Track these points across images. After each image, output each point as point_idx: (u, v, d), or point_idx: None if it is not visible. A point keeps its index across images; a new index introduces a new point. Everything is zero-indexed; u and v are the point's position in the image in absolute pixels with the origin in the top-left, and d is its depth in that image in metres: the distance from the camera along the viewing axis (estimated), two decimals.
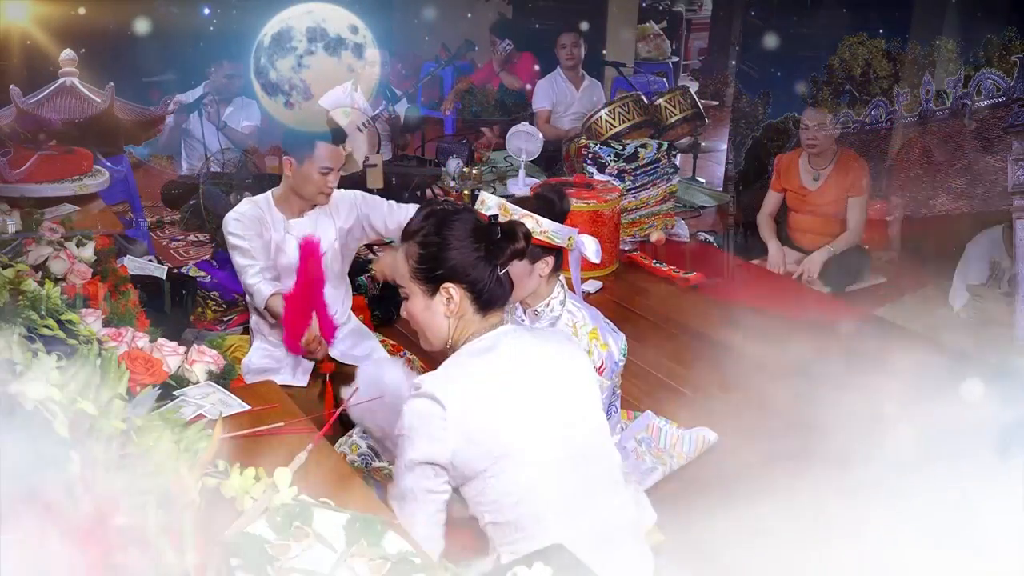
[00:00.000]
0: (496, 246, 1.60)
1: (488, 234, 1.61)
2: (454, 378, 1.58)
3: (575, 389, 1.68)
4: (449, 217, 1.62)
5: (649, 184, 4.31)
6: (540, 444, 1.58)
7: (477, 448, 1.53)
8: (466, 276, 1.60)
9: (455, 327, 1.64)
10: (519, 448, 1.55)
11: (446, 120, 6.01)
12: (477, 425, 1.53)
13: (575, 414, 1.65)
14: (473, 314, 1.63)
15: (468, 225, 1.61)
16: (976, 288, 3.77)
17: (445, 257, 1.60)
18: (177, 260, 4.06)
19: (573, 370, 1.69)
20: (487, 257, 1.60)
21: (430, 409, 1.52)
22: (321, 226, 2.74)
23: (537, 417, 1.59)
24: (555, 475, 1.59)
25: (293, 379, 2.75)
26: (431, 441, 1.52)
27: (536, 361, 1.64)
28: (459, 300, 1.61)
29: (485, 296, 1.62)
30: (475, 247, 1.60)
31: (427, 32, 6.96)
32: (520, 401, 1.58)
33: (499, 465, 1.53)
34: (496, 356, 1.61)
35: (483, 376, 1.59)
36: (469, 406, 1.54)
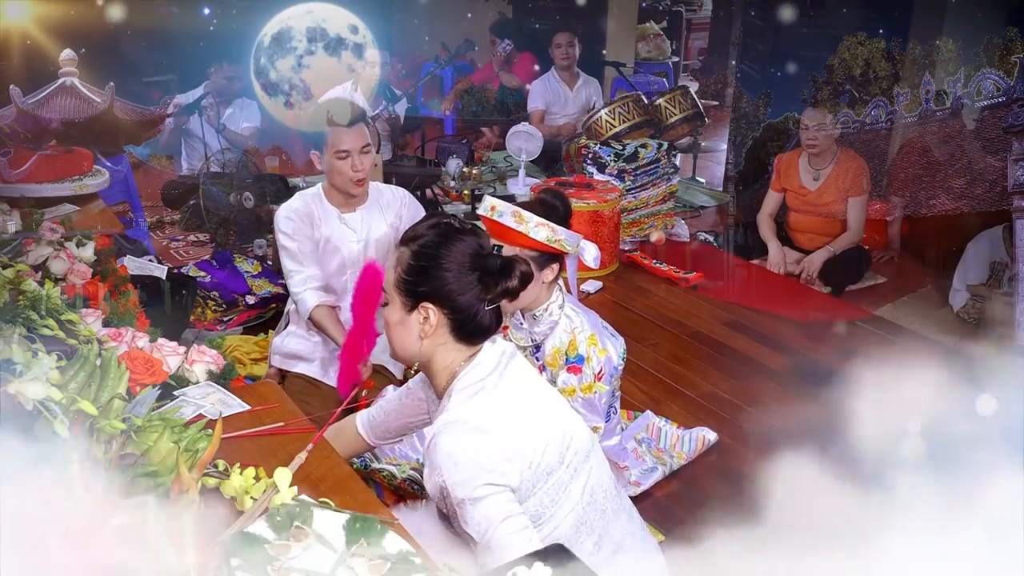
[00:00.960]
0: (491, 278, 1.51)
1: (486, 265, 1.51)
2: (476, 408, 1.50)
3: (560, 404, 1.66)
4: (452, 235, 1.52)
5: (649, 184, 4.31)
6: (562, 459, 1.55)
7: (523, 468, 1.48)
8: (449, 301, 1.51)
9: (429, 350, 1.55)
10: (552, 464, 1.52)
11: (446, 120, 6.02)
12: (518, 446, 1.48)
13: (569, 427, 1.62)
14: (455, 342, 1.54)
15: (469, 249, 1.51)
16: (976, 288, 3.77)
17: (434, 275, 1.50)
18: (177, 260, 4.06)
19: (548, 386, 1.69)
20: (478, 288, 1.51)
21: (472, 437, 1.45)
22: (373, 220, 2.70)
23: (553, 433, 1.55)
24: (583, 483, 1.58)
25: (324, 376, 2.71)
26: (488, 469, 1.44)
27: (530, 381, 1.61)
28: (435, 323, 1.52)
29: (467, 327, 1.53)
30: (468, 274, 1.50)
31: (427, 32, 6.96)
32: (537, 420, 1.55)
33: (545, 482, 1.50)
34: (500, 380, 1.54)
35: (501, 402, 1.52)
36: (505, 428, 1.48)
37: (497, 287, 1.51)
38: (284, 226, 2.60)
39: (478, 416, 1.49)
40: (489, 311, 1.52)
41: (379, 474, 2.18)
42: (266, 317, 3.45)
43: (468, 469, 1.42)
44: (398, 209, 2.75)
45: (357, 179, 2.58)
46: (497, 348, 1.58)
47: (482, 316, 1.52)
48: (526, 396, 1.57)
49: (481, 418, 1.48)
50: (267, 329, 3.32)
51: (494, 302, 1.52)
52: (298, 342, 2.74)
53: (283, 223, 2.61)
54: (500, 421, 1.49)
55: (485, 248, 1.53)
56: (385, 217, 2.73)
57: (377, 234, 2.70)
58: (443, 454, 1.44)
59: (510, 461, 1.46)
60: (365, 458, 2.19)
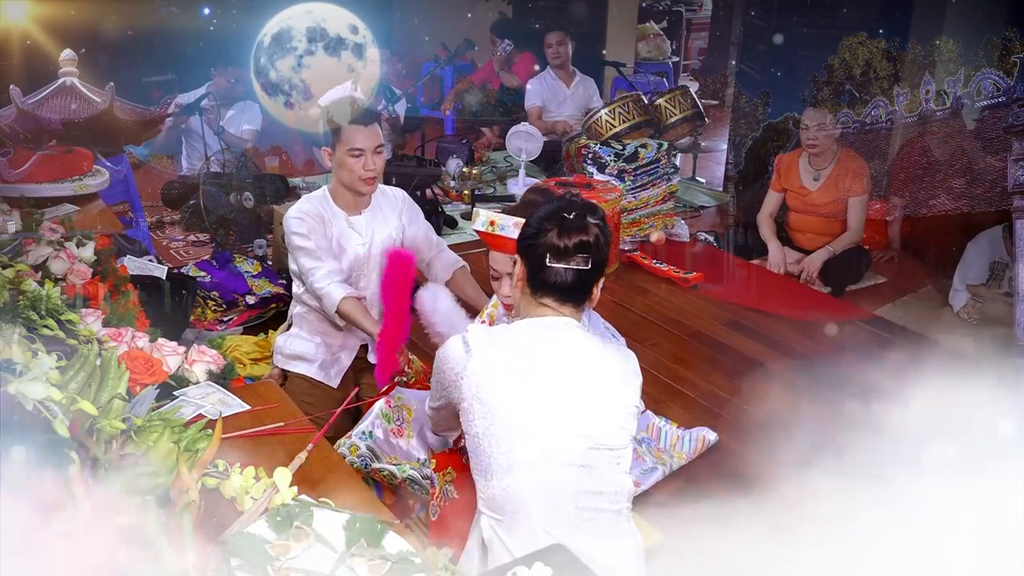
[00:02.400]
0: (561, 238, 1.63)
1: (562, 223, 1.64)
2: (493, 337, 1.67)
3: (604, 409, 1.67)
4: (548, 197, 1.78)
5: (649, 184, 4.31)
6: (540, 437, 1.62)
7: (480, 406, 1.62)
8: (523, 252, 1.69)
9: (519, 299, 1.73)
10: (515, 426, 1.61)
11: (446, 120, 6.02)
12: (490, 384, 1.61)
13: (591, 431, 1.65)
14: (529, 295, 1.69)
15: (551, 208, 1.67)
16: (976, 288, 3.77)
17: (523, 231, 1.70)
18: (177, 260, 4.06)
19: (611, 392, 1.69)
20: (542, 241, 1.64)
21: (458, 351, 1.65)
22: (381, 221, 2.69)
23: (549, 412, 1.63)
24: (546, 475, 1.61)
25: (325, 377, 2.71)
26: (449, 379, 1.66)
27: (577, 365, 1.66)
28: (518, 274, 1.71)
29: (535, 279, 1.67)
30: (539, 230, 1.65)
31: (427, 32, 6.97)
32: (542, 388, 1.63)
33: (492, 432, 1.61)
34: (536, 338, 1.66)
35: (520, 349, 1.65)
36: (492, 364, 1.62)
37: (561, 247, 1.63)
38: (297, 227, 2.57)
39: (484, 335, 1.67)
40: (558, 269, 1.64)
41: (379, 474, 2.18)
42: (266, 317, 3.45)
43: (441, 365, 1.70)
44: (399, 211, 2.74)
45: (367, 177, 2.57)
46: (566, 320, 1.69)
47: (548, 272, 1.65)
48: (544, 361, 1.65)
49: (482, 338, 1.66)
50: (267, 329, 3.32)
51: (552, 259, 1.64)
52: (301, 343, 2.74)
53: (295, 224, 2.57)
54: (489, 350, 1.65)
55: (571, 211, 1.65)
56: (388, 220, 2.72)
57: (382, 236, 2.69)
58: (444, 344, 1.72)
59: (471, 388, 1.63)
60: (365, 458, 2.19)
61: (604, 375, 1.68)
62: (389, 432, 2.25)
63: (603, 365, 1.69)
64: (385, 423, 2.26)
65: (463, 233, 4.45)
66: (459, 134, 5.86)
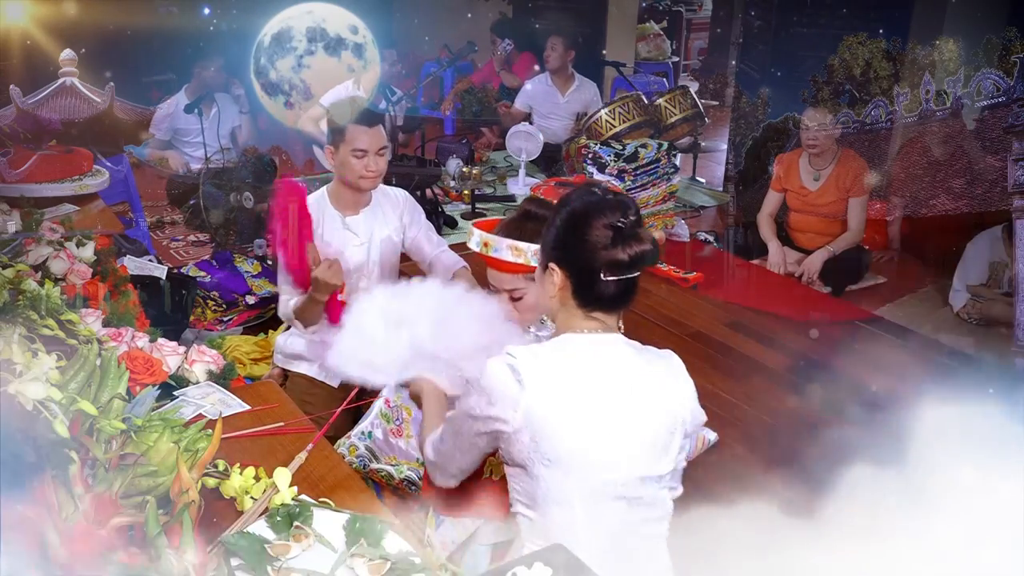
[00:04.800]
0: (619, 249, 1.49)
1: (615, 233, 1.49)
2: (541, 359, 1.52)
3: (657, 435, 1.56)
4: (594, 202, 1.53)
5: (649, 184, 4.30)
6: (595, 470, 1.51)
7: (531, 441, 1.49)
8: (567, 263, 1.54)
9: (558, 310, 1.59)
10: (570, 459, 1.49)
11: (446, 120, 6.02)
12: (544, 417, 1.48)
13: (645, 463, 1.55)
14: (575, 307, 1.56)
15: (604, 219, 1.50)
16: (976, 288, 3.77)
17: (558, 237, 1.55)
18: (177, 260, 4.06)
19: (664, 416, 1.58)
20: (592, 253, 1.50)
21: (508, 382, 1.48)
22: (381, 220, 2.69)
23: (603, 444, 1.51)
24: (598, 508, 1.53)
25: (325, 376, 2.71)
26: (497, 413, 1.49)
27: (628, 385, 1.55)
28: (559, 284, 1.55)
29: (584, 293, 1.54)
30: (586, 238, 1.50)
31: (427, 32, 6.97)
32: (596, 418, 1.51)
33: (548, 470, 1.49)
34: (588, 361, 1.53)
35: (572, 373, 1.52)
36: (548, 395, 1.49)
37: (617, 262, 1.50)
38: None
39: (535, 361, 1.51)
40: (611, 282, 1.51)
41: (378, 474, 2.18)
42: (266, 317, 3.45)
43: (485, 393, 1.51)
44: (400, 212, 2.74)
45: (369, 177, 2.58)
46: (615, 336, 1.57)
47: (600, 285, 1.52)
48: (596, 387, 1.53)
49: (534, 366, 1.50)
50: (267, 329, 3.32)
51: (608, 272, 1.51)
52: (301, 343, 2.74)
53: None
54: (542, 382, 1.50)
55: (625, 220, 1.50)
56: (388, 220, 2.72)
57: (381, 236, 2.69)
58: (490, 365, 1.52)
59: (522, 423, 1.48)
60: (364, 458, 2.19)
61: (655, 397, 1.57)
62: (388, 432, 2.25)
63: (653, 384, 1.58)
64: (385, 423, 2.26)
65: (463, 233, 4.45)
66: (459, 134, 5.86)
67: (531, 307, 2.08)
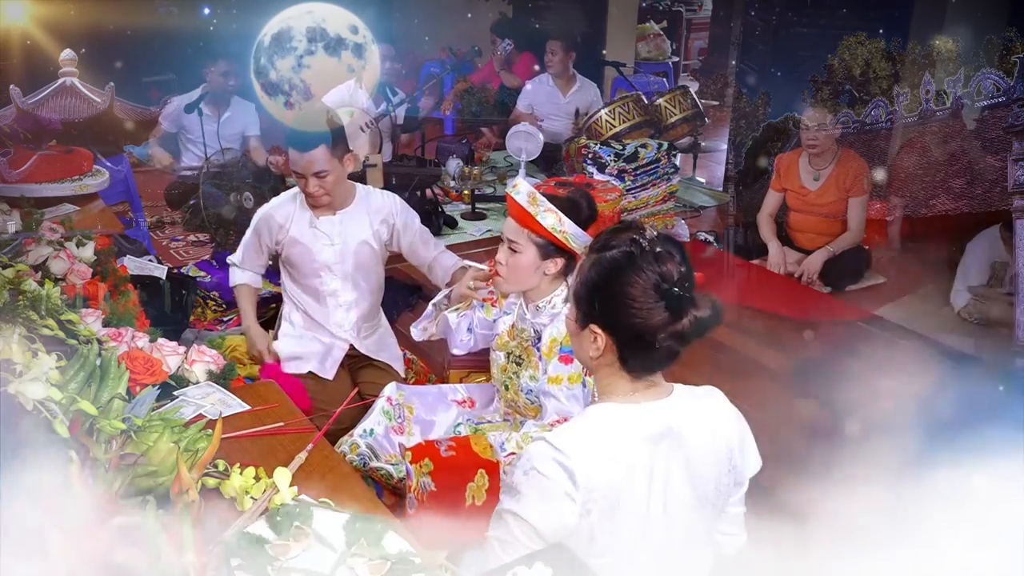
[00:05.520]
0: (672, 315, 1.36)
1: (668, 300, 1.35)
2: (594, 449, 1.37)
3: (705, 485, 1.46)
4: (635, 258, 1.37)
5: (649, 184, 4.31)
6: (645, 547, 1.43)
7: (589, 539, 1.38)
8: (614, 328, 1.40)
9: (601, 371, 1.46)
10: (624, 551, 1.40)
11: (446, 120, 6.02)
12: (606, 510, 1.36)
13: (693, 511, 1.46)
14: (619, 370, 1.43)
15: (645, 280, 1.36)
16: (977, 289, 3.77)
17: (603, 301, 1.40)
18: (177, 260, 4.06)
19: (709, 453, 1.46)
20: (645, 322, 1.36)
21: (560, 480, 1.34)
22: (352, 224, 2.69)
23: (655, 522, 1.42)
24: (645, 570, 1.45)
25: (320, 370, 2.74)
26: (548, 514, 1.35)
27: (687, 451, 1.42)
28: (603, 348, 1.42)
29: (633, 361, 1.41)
30: (638, 305, 1.36)
31: (427, 32, 6.96)
32: (645, 496, 1.40)
33: (599, 560, 1.38)
34: (638, 436, 1.40)
35: (622, 462, 1.38)
36: (600, 489, 1.35)
37: (667, 326, 1.36)
38: (256, 220, 2.75)
39: (583, 451, 1.36)
40: (665, 347, 1.38)
41: (378, 473, 2.18)
42: (266, 317, 3.44)
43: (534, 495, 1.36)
44: (387, 216, 2.73)
45: (313, 197, 2.59)
46: (665, 404, 1.44)
47: (654, 351, 1.39)
48: (648, 462, 1.40)
49: (584, 457, 1.35)
50: (267, 329, 3.32)
51: (662, 341, 1.37)
52: (293, 343, 2.76)
53: (256, 217, 2.75)
54: (596, 472, 1.35)
55: (667, 279, 1.36)
56: (371, 222, 2.70)
57: (357, 239, 2.68)
58: (536, 458, 1.37)
59: (577, 517, 1.36)
60: (364, 456, 2.19)
61: (714, 455, 1.46)
62: (390, 429, 2.25)
63: (711, 440, 1.46)
64: (386, 420, 2.26)
65: (463, 233, 4.45)
66: (459, 134, 5.86)
67: (517, 273, 2.14)
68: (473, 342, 2.39)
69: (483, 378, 2.51)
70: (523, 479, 1.37)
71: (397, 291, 3.72)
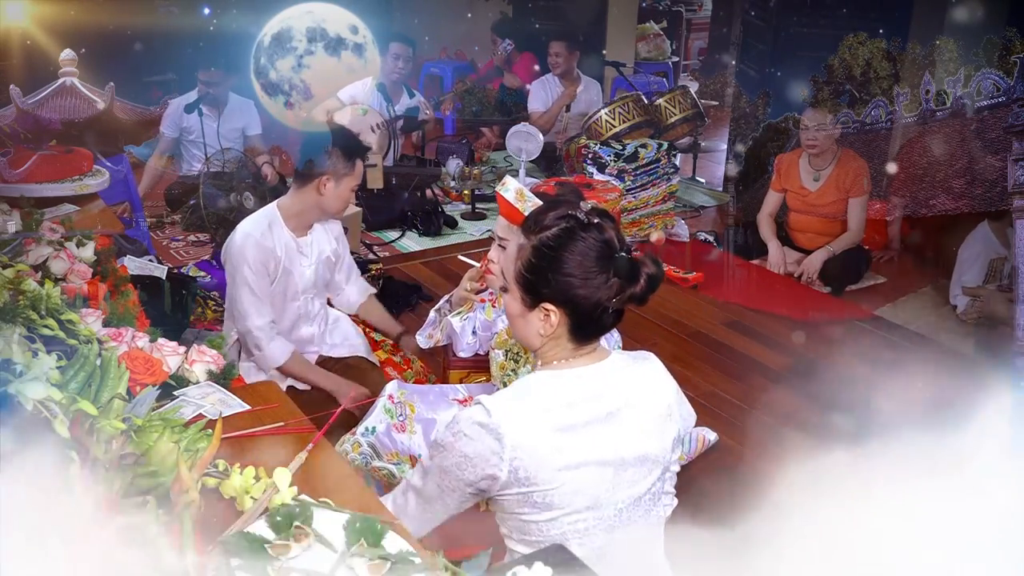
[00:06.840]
0: (615, 282, 1.40)
1: (613, 266, 1.40)
2: (524, 411, 1.41)
3: (646, 438, 1.49)
4: (577, 233, 1.40)
5: (649, 184, 4.31)
6: (590, 503, 1.46)
7: (522, 491, 1.42)
8: (570, 303, 1.42)
9: (546, 344, 1.49)
10: (566, 505, 1.44)
11: (446, 120, 6.02)
12: (531, 470, 1.40)
13: (637, 468, 1.48)
14: (567, 341, 1.47)
15: (593, 250, 1.40)
16: (973, 289, 3.77)
17: (555, 279, 1.41)
18: (177, 260, 4.07)
19: (652, 413, 1.50)
20: (600, 291, 1.40)
21: (485, 440, 1.39)
22: (323, 240, 2.70)
23: (598, 474, 1.44)
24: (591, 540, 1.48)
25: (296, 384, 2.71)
26: (475, 474, 1.41)
27: (617, 406, 1.46)
28: (556, 323, 1.44)
29: (584, 330, 1.45)
30: (592, 276, 1.40)
31: (427, 32, 6.96)
32: (585, 451, 1.43)
33: (540, 514, 1.43)
34: (576, 394, 1.44)
35: (556, 418, 1.42)
36: (531, 447, 1.39)
37: (623, 292, 1.40)
38: (252, 255, 2.46)
39: (511, 411, 1.41)
40: (612, 312, 1.43)
41: (379, 472, 2.18)
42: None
43: (459, 455, 1.42)
44: (339, 233, 2.76)
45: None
46: (605, 362, 1.49)
47: (602, 318, 1.44)
48: (585, 417, 1.44)
49: (512, 417, 1.40)
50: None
51: (617, 306, 1.42)
52: (256, 374, 2.63)
53: (252, 251, 2.45)
54: (525, 431, 1.40)
55: (612, 247, 1.41)
56: (326, 239, 2.70)
57: (324, 255, 2.68)
58: (462, 420, 1.43)
59: (507, 476, 1.40)
60: (366, 455, 2.19)
61: (645, 403, 1.50)
62: (391, 427, 2.25)
63: (642, 393, 1.50)
64: (388, 418, 2.26)
65: (463, 233, 4.45)
66: (459, 134, 5.86)
67: None
68: (478, 344, 2.40)
69: (483, 378, 2.51)
70: (451, 439, 1.43)
71: (397, 291, 3.73)
